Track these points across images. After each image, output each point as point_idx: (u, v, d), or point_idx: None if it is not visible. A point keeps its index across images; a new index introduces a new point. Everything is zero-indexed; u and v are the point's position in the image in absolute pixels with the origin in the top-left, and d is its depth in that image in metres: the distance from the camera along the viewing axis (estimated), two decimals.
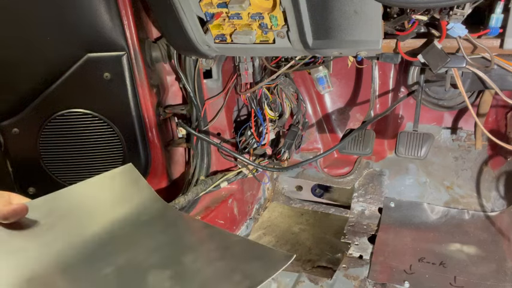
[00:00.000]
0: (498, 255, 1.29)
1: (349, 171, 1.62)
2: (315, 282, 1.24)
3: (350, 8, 0.87)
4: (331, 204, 1.65)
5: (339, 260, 1.35)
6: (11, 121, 1.25)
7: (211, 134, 1.39)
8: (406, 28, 0.91)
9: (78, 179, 1.27)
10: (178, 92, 1.41)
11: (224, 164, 1.42)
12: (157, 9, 1.06)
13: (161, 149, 1.34)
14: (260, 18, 0.94)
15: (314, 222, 1.59)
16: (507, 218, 1.38)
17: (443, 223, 1.45)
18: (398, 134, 1.22)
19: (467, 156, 1.50)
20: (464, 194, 1.48)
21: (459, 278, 1.22)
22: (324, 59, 1.29)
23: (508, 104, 1.15)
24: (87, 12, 1.11)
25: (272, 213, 1.64)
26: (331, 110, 1.65)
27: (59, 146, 1.27)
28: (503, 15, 0.83)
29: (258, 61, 1.33)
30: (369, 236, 1.43)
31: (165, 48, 1.28)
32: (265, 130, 1.38)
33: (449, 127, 1.51)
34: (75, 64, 1.18)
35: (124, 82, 1.20)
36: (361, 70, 1.53)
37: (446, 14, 0.84)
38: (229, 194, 1.44)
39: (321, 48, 0.97)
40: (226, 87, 1.35)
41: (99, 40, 1.15)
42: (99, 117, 1.23)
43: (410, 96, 1.30)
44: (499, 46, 0.89)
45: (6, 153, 1.29)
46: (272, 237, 1.52)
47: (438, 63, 0.93)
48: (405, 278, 1.22)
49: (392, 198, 1.54)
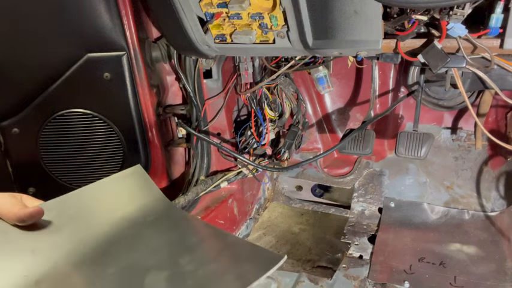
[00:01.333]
0: (498, 255, 1.29)
1: (349, 171, 1.62)
2: (315, 282, 1.24)
3: (350, 8, 0.87)
4: (331, 204, 1.65)
5: (339, 260, 1.35)
6: (11, 121, 1.25)
7: (211, 134, 1.39)
8: (406, 28, 0.91)
9: (78, 179, 1.29)
10: (178, 92, 1.41)
11: (224, 164, 1.42)
12: (157, 9, 1.06)
13: (161, 149, 1.34)
14: (260, 18, 0.94)
15: (314, 222, 1.59)
16: (507, 218, 1.38)
17: (443, 223, 1.45)
18: (398, 134, 1.22)
19: (467, 156, 1.50)
20: (464, 194, 1.48)
21: (459, 278, 1.22)
22: (324, 59, 1.29)
23: (508, 104, 1.15)
24: (87, 12, 1.11)
25: (272, 213, 1.64)
26: (331, 110, 1.65)
27: (59, 146, 1.27)
28: (503, 15, 0.83)
29: (258, 61, 1.33)
30: (369, 236, 1.43)
31: (165, 48, 1.28)
32: (265, 130, 1.38)
33: (449, 127, 1.51)
34: (75, 64, 1.18)
35: (124, 82, 1.20)
36: (361, 70, 1.53)
37: (446, 14, 0.84)
38: (229, 194, 1.44)
39: (321, 48, 0.97)
40: (226, 87, 1.35)
41: (99, 40, 1.15)
42: (99, 117, 1.23)
43: (410, 96, 1.29)
44: (499, 46, 0.89)
45: (6, 153, 1.29)
46: (272, 237, 1.52)
47: (438, 63, 0.93)
48: (405, 278, 1.22)
49: (392, 198, 1.54)
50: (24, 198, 0.69)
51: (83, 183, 1.27)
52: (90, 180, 0.78)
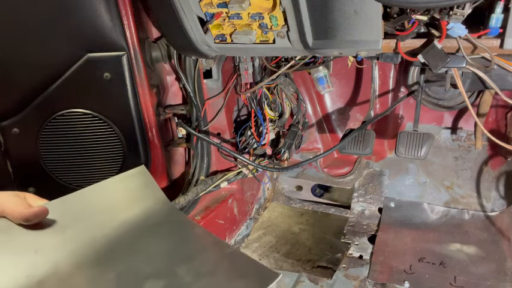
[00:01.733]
0: (498, 255, 1.29)
1: (349, 171, 1.62)
2: (315, 282, 1.24)
3: (350, 8, 0.87)
4: (331, 204, 1.65)
5: (339, 260, 1.35)
6: (11, 121, 1.25)
7: (211, 134, 1.39)
8: (406, 28, 0.91)
9: (78, 179, 1.29)
10: (178, 92, 1.41)
11: (224, 164, 1.42)
12: (157, 9, 1.06)
13: (161, 149, 1.34)
14: (260, 18, 0.94)
15: (314, 222, 1.59)
16: (507, 218, 1.38)
17: (443, 223, 1.45)
18: (398, 134, 1.22)
19: (467, 156, 1.50)
20: (464, 194, 1.48)
21: (459, 278, 1.22)
22: (324, 59, 1.29)
23: (508, 104, 1.15)
24: (87, 12, 1.11)
25: (272, 213, 1.64)
26: (331, 110, 1.65)
27: (59, 146, 1.27)
28: (503, 15, 0.83)
29: (258, 61, 1.33)
30: (369, 236, 1.43)
31: (165, 48, 1.28)
32: (265, 130, 1.38)
33: (449, 127, 1.51)
34: (75, 64, 1.18)
35: (124, 82, 1.20)
36: (361, 70, 1.53)
37: (446, 14, 0.84)
38: (229, 194, 1.44)
39: (321, 48, 0.97)
40: (226, 87, 1.35)
41: (99, 40, 1.15)
42: (99, 117, 1.23)
43: (410, 96, 1.29)
44: (499, 46, 0.89)
45: (6, 153, 1.29)
46: (272, 237, 1.52)
47: (438, 63, 0.93)
48: (405, 278, 1.22)
49: (392, 198, 1.54)
50: (28, 196, 0.69)
51: (82, 183, 1.28)
52: (90, 180, 0.78)
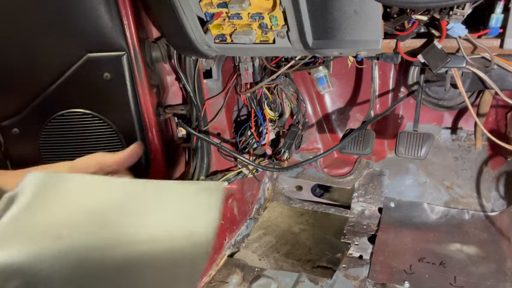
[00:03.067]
0: (498, 255, 1.29)
1: (349, 171, 1.62)
2: (315, 282, 1.24)
3: (350, 8, 0.87)
4: (331, 204, 1.65)
5: (339, 260, 1.35)
6: (11, 121, 1.25)
7: (211, 134, 1.39)
8: (406, 28, 0.91)
9: None
10: (178, 92, 1.41)
11: (224, 164, 1.42)
12: (157, 9, 1.06)
13: (161, 149, 1.34)
14: (260, 18, 0.94)
15: (314, 222, 1.59)
16: (507, 218, 1.38)
17: (443, 223, 1.45)
18: (398, 134, 1.22)
19: (467, 156, 1.50)
20: (464, 194, 1.48)
21: (459, 278, 1.22)
22: (324, 59, 1.29)
23: (508, 104, 1.15)
24: (87, 12, 1.11)
25: (272, 213, 1.64)
26: (331, 110, 1.65)
27: (59, 146, 1.27)
28: (503, 15, 0.83)
29: (258, 61, 1.33)
30: (369, 236, 1.43)
31: (165, 48, 1.27)
32: (265, 130, 1.38)
33: (449, 127, 1.51)
34: (75, 64, 1.17)
35: (124, 82, 1.20)
36: (361, 70, 1.53)
37: (446, 14, 0.84)
38: (229, 194, 1.44)
39: (321, 48, 0.97)
40: (226, 87, 1.35)
41: (99, 40, 1.15)
42: (99, 117, 1.23)
43: (410, 96, 1.29)
44: (499, 46, 0.89)
45: (6, 153, 1.29)
46: (272, 237, 1.52)
47: (438, 63, 0.93)
48: (405, 278, 1.22)
49: (392, 198, 1.54)
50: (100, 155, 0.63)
51: None
52: None
